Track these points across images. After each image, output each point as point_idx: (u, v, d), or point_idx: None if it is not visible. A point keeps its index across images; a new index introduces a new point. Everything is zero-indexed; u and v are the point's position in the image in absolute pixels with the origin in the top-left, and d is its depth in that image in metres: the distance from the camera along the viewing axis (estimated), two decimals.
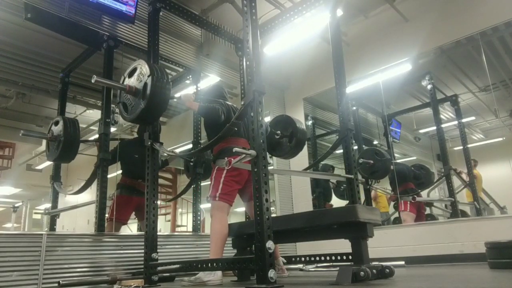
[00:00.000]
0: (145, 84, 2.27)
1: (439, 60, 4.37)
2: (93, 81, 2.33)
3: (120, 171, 3.77)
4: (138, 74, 2.35)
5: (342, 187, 5.21)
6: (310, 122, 5.36)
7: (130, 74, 2.41)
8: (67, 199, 5.11)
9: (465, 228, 3.48)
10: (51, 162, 3.85)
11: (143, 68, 2.33)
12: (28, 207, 8.55)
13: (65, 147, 3.29)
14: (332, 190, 5.36)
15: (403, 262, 3.22)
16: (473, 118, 4.53)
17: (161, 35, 3.00)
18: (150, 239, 2.52)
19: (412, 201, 4.23)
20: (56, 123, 3.41)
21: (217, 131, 2.46)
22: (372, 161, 4.45)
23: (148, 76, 2.26)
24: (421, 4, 4.22)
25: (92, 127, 6.27)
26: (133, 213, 3.80)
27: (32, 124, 6.02)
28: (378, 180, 4.81)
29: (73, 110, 5.46)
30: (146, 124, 2.73)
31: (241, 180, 2.62)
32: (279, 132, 3.06)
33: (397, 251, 3.68)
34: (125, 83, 2.41)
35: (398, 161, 4.88)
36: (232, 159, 2.16)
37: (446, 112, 4.57)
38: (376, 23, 4.54)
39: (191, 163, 4.10)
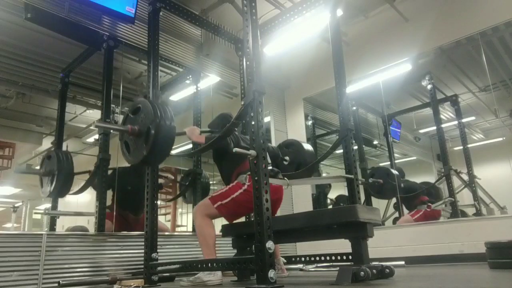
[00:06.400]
0: (148, 128, 2.11)
1: (439, 60, 4.37)
2: (93, 126, 2.25)
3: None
4: (141, 115, 2.20)
5: (341, 204, 5.18)
6: (310, 122, 5.36)
7: (134, 112, 2.27)
8: (67, 199, 5.09)
9: (465, 228, 3.48)
10: None
11: (146, 109, 2.19)
12: (28, 207, 8.53)
13: (59, 182, 3.20)
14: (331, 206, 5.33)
15: (403, 262, 3.22)
16: (473, 118, 4.53)
17: (161, 35, 3.01)
18: (150, 239, 2.52)
19: (428, 209, 4.17)
20: (49, 158, 3.33)
21: (229, 160, 2.49)
22: (381, 181, 4.45)
23: (152, 121, 2.10)
24: (421, 4, 4.22)
25: (92, 127, 6.28)
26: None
27: (32, 124, 6.01)
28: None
29: (73, 110, 5.44)
30: (149, 166, 2.61)
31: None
32: (287, 158, 3.05)
33: (397, 251, 3.68)
34: (127, 122, 2.27)
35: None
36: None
37: (446, 112, 4.57)
38: (376, 23, 4.54)
39: (184, 183, 4.17)
